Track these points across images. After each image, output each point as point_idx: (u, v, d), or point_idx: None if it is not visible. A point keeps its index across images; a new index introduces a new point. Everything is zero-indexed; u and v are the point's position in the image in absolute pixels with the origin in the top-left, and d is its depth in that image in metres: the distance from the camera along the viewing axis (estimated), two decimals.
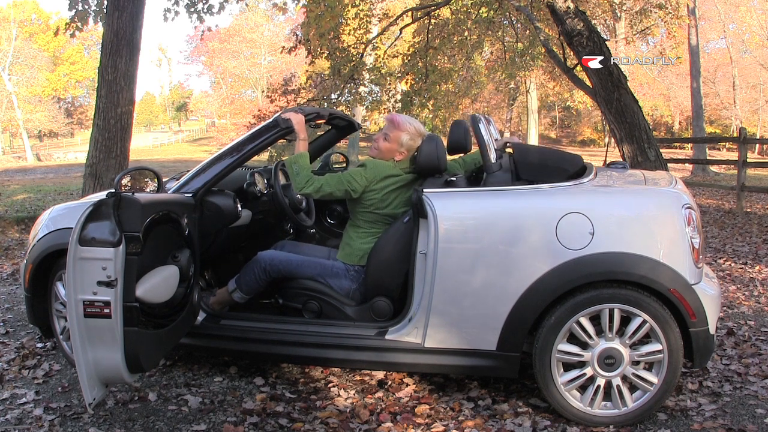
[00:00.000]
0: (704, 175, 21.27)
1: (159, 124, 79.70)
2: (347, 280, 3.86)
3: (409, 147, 3.93)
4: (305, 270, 3.91)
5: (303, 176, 3.73)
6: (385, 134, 3.95)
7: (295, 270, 3.92)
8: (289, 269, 3.92)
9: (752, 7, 39.49)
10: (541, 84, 34.73)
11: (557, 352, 3.37)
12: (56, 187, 18.39)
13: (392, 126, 3.93)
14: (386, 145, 3.93)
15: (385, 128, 3.99)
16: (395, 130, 3.91)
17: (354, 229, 3.96)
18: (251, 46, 55.61)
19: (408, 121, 3.98)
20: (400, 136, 3.90)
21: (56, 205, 4.53)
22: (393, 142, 3.91)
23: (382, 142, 3.94)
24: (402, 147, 3.91)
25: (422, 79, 15.16)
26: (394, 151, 3.93)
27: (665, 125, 47.86)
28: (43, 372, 4.14)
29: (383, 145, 3.94)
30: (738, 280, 6.55)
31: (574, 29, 9.91)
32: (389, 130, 3.93)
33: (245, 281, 3.98)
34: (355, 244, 3.90)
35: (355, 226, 3.97)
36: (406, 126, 3.93)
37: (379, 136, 3.99)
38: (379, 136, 3.99)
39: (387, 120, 4.02)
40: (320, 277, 3.90)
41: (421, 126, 4.00)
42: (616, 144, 10.23)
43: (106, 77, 8.41)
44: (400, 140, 3.90)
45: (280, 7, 11.98)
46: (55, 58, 56.06)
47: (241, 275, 4.00)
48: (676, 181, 3.74)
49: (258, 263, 3.94)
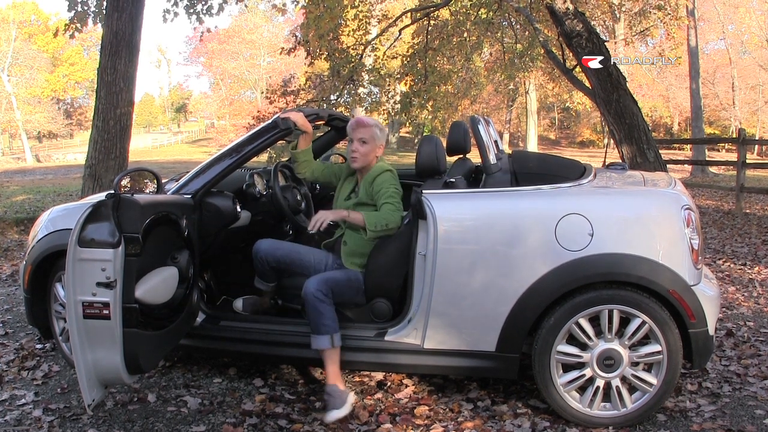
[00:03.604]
0: (703, 176, 21.27)
1: (158, 125, 79.73)
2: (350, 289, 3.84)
3: (382, 138, 3.95)
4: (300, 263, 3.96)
5: (391, 222, 3.63)
6: (360, 139, 3.86)
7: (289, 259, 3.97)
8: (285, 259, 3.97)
9: (751, 8, 39.50)
10: (540, 85, 34.77)
11: (556, 353, 3.37)
12: (55, 188, 18.40)
13: (362, 127, 3.88)
14: (366, 148, 3.86)
15: (355, 135, 3.88)
16: (367, 129, 3.87)
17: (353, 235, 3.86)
18: (250, 47, 55.63)
19: (369, 118, 4.02)
20: (373, 132, 3.88)
21: (55, 206, 4.53)
22: (370, 141, 3.86)
23: (362, 148, 3.86)
24: (378, 141, 3.90)
25: (421, 80, 15.16)
26: (375, 149, 3.90)
27: (664, 126, 47.89)
28: (43, 373, 4.14)
29: (364, 150, 3.86)
30: (737, 281, 6.55)
31: (574, 30, 9.92)
32: (361, 133, 3.87)
33: (258, 272, 4.06)
34: (366, 249, 3.82)
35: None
36: (370, 121, 3.93)
37: (354, 144, 3.88)
38: (354, 144, 3.88)
39: (354, 126, 3.91)
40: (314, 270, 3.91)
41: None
42: (616, 145, 10.25)
43: (106, 78, 8.41)
44: (375, 136, 3.88)
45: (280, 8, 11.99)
46: (55, 59, 56.10)
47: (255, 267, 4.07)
48: (675, 182, 3.74)
49: (255, 253, 3.98)
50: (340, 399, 3.47)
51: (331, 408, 3.45)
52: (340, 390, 3.52)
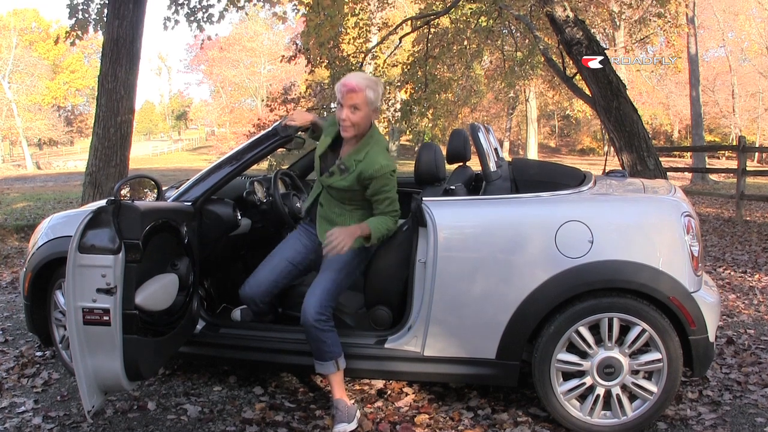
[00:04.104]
0: (703, 184, 21.28)
1: (158, 133, 79.89)
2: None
3: (377, 100, 3.42)
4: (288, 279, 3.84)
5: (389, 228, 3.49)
6: (351, 107, 3.33)
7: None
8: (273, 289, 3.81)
9: (751, 16, 39.62)
10: (540, 93, 34.86)
11: (557, 361, 3.36)
12: (56, 196, 18.38)
13: (351, 92, 3.31)
14: (359, 115, 3.35)
15: (345, 101, 3.33)
16: (358, 95, 3.32)
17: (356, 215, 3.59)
18: (251, 55, 55.73)
19: (359, 76, 3.42)
20: (365, 97, 3.34)
21: (56, 214, 4.53)
22: (363, 107, 3.35)
23: (353, 116, 3.35)
24: (372, 104, 3.39)
25: (421, 88, 15.18)
26: (369, 115, 3.42)
27: (664, 134, 47.94)
28: (42, 381, 4.13)
29: (356, 118, 3.36)
30: (737, 288, 6.55)
31: (574, 38, 9.94)
32: (352, 99, 3.32)
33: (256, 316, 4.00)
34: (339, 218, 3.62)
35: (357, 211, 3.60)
36: (361, 83, 3.35)
37: (345, 112, 3.35)
38: (345, 112, 3.35)
39: (342, 91, 3.34)
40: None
41: (366, 74, 3.73)
42: (616, 153, 10.25)
43: (106, 86, 8.42)
44: (368, 100, 3.36)
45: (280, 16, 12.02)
46: (55, 66, 56.18)
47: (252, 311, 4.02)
48: (675, 190, 3.75)
49: (247, 301, 3.86)
50: (348, 413, 3.46)
51: (339, 421, 3.43)
52: (348, 404, 3.51)
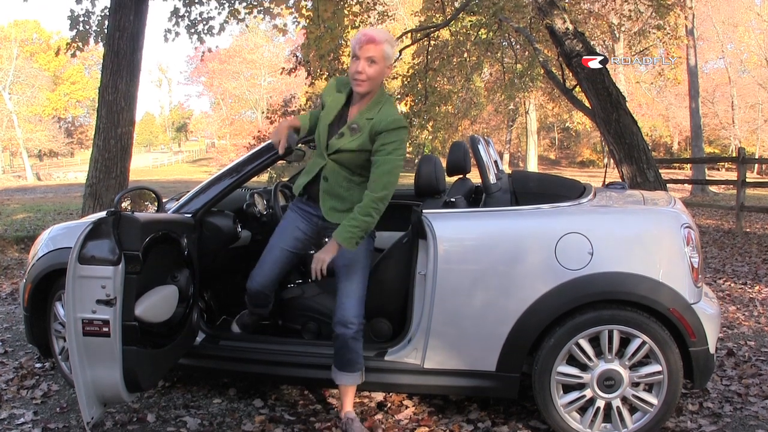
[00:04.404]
0: (703, 196, 21.30)
1: (159, 145, 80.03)
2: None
3: (392, 57, 3.34)
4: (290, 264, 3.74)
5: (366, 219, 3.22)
6: (368, 59, 3.21)
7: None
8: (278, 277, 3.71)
9: (750, 27, 39.76)
10: (540, 105, 34.91)
11: (557, 373, 3.36)
12: (56, 207, 18.41)
13: (371, 44, 3.20)
14: (375, 69, 3.23)
15: (362, 52, 3.21)
16: (378, 47, 3.21)
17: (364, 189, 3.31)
18: (251, 66, 55.92)
19: (378, 30, 3.33)
20: (384, 51, 3.24)
21: (56, 225, 4.53)
22: (380, 62, 3.24)
23: (370, 69, 3.23)
24: (388, 60, 3.28)
25: (422, 101, 15.22)
26: (383, 71, 3.29)
27: (664, 145, 48.04)
28: (42, 392, 4.13)
29: (373, 71, 3.23)
30: (738, 300, 6.54)
31: (573, 50, 9.97)
32: (371, 51, 3.20)
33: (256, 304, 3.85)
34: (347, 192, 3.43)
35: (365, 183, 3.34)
36: (381, 36, 3.27)
37: (361, 64, 3.22)
38: (361, 64, 3.22)
39: (362, 41, 3.22)
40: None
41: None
42: (615, 165, 10.27)
43: (107, 97, 8.44)
44: (386, 54, 3.26)
45: (281, 28, 12.03)
46: (56, 77, 56.36)
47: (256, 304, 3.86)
48: (675, 201, 3.75)
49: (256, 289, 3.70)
50: (359, 427, 3.45)
51: None
52: (357, 418, 3.51)
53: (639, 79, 35.51)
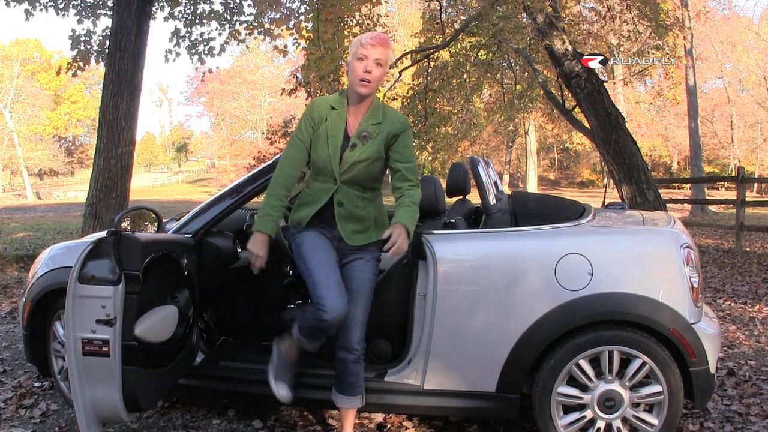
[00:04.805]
0: (703, 215, 21.30)
1: (159, 165, 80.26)
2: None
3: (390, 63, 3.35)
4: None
5: (416, 211, 3.23)
6: (377, 60, 3.20)
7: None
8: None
9: (749, 47, 39.95)
10: (539, 126, 34.96)
11: (557, 394, 3.35)
12: (56, 226, 18.39)
13: (381, 46, 3.20)
14: (381, 72, 3.24)
15: (371, 53, 3.19)
16: (386, 50, 3.23)
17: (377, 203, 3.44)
18: (251, 87, 56.13)
19: (384, 35, 3.35)
20: (389, 55, 3.27)
21: (56, 244, 4.53)
22: (385, 65, 3.25)
23: (376, 71, 3.22)
24: (388, 65, 3.30)
25: (421, 122, 15.27)
26: (384, 75, 3.32)
27: (664, 165, 48.14)
28: (40, 411, 4.11)
29: (378, 74, 3.23)
30: (738, 319, 6.53)
31: (572, 71, 10.03)
32: (380, 53, 3.20)
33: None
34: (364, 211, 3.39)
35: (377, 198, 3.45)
36: (389, 40, 3.31)
37: (369, 63, 3.20)
38: (369, 63, 3.20)
39: (372, 42, 3.21)
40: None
41: None
42: (615, 185, 10.30)
43: (107, 117, 8.46)
44: (390, 59, 3.28)
45: (281, 49, 12.05)
46: (57, 96, 56.59)
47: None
48: (675, 221, 3.76)
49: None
50: None
51: None
52: None
53: (638, 99, 35.59)
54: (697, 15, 24.79)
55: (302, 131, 3.32)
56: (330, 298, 3.17)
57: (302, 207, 3.43)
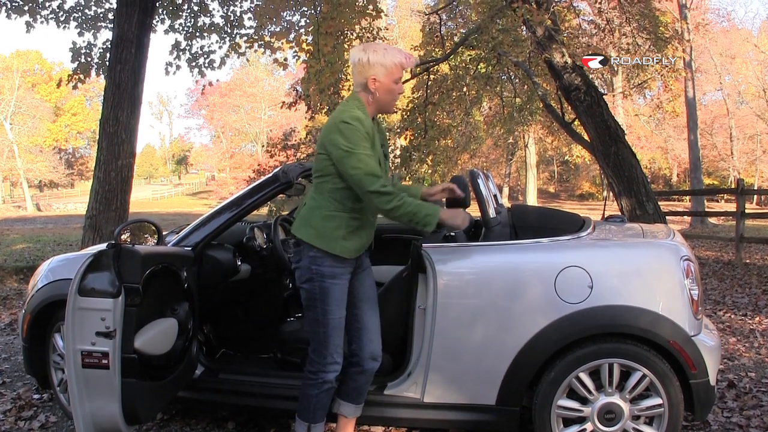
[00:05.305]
0: (703, 227, 21.30)
1: (159, 177, 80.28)
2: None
3: None
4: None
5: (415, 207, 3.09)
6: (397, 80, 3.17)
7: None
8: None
9: (748, 59, 39.99)
10: (539, 139, 34.98)
11: (557, 407, 3.35)
12: (55, 238, 18.40)
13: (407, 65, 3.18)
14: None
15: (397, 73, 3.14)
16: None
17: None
18: (251, 100, 56.19)
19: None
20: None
21: (55, 256, 4.54)
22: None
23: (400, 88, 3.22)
24: None
25: (421, 135, 15.26)
26: None
27: (663, 178, 48.14)
28: (40, 423, 4.11)
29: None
30: (738, 331, 6.52)
31: (572, 84, 10.05)
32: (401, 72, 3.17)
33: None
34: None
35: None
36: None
37: (398, 83, 3.18)
38: (398, 83, 3.18)
39: (411, 62, 3.18)
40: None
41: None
42: (615, 198, 10.30)
43: (108, 129, 8.49)
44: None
45: (281, 62, 12.08)
46: (57, 108, 56.67)
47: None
48: (674, 234, 3.76)
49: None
50: None
51: None
52: None
53: (638, 111, 35.65)
54: (696, 27, 24.83)
55: (368, 147, 3.06)
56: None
57: (355, 233, 3.22)
